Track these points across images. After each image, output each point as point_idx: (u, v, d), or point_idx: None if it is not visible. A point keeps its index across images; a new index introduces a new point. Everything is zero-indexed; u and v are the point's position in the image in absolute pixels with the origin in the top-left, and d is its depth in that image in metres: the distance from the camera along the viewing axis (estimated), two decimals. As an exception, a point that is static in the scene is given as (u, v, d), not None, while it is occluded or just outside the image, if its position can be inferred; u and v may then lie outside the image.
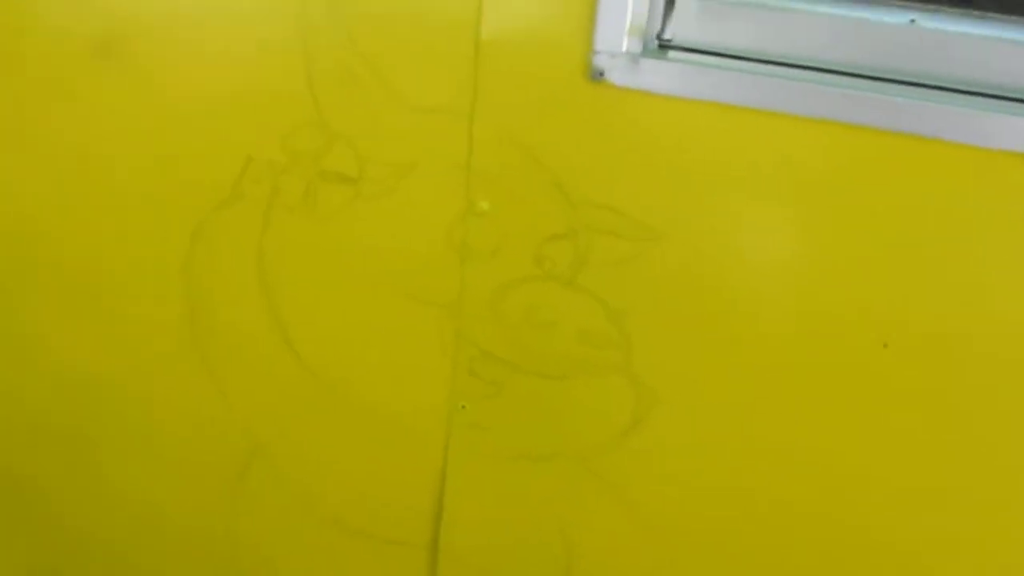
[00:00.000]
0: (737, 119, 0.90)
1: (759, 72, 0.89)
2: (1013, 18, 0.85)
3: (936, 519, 0.99)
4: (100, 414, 1.33)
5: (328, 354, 1.19)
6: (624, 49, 0.90)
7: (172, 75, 1.09)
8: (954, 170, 0.85)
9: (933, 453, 0.96)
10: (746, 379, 1.01)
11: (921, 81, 0.86)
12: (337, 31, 1.00)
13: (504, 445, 1.15)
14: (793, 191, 0.91)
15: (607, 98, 0.93)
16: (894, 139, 0.86)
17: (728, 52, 0.90)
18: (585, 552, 1.16)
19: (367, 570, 1.28)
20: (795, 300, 0.96)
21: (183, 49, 1.07)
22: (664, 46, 0.92)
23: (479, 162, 1.01)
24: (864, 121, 0.86)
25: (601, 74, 0.91)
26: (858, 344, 0.94)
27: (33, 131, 1.19)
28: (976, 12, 0.87)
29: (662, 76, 0.91)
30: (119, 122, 1.14)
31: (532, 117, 0.97)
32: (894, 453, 0.98)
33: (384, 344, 1.15)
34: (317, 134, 1.06)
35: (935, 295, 0.90)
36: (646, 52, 0.91)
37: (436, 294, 1.09)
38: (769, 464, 1.04)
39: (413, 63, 0.99)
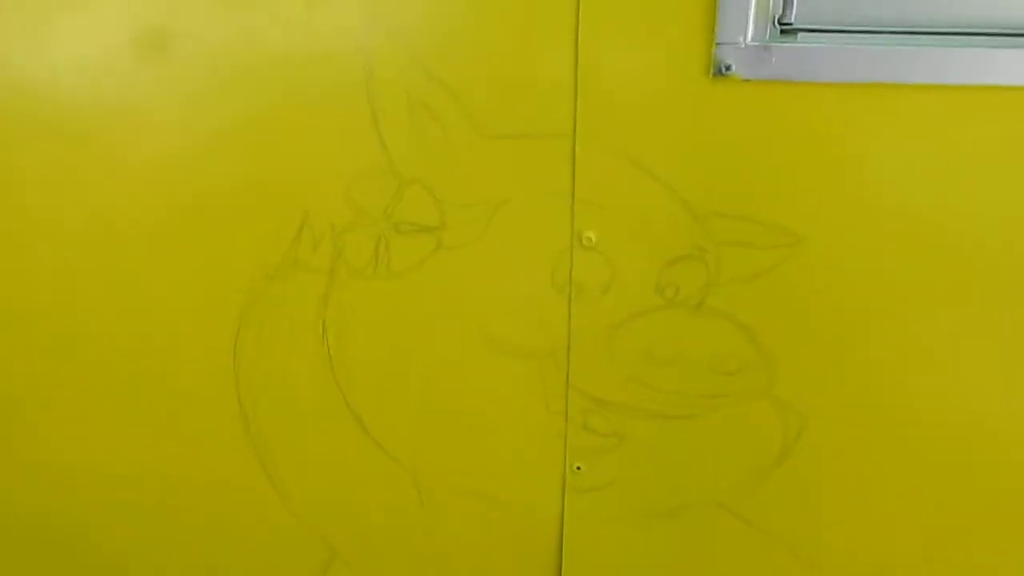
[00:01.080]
0: (882, 97, 0.82)
1: (900, 44, 0.81)
2: None
3: None
4: (153, 532, 1.12)
5: (413, 437, 1.03)
6: (750, 38, 0.81)
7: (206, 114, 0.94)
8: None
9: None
10: (905, 387, 0.92)
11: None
12: (404, 57, 0.87)
13: (628, 505, 1.02)
14: (959, 168, 0.83)
15: (733, 94, 0.83)
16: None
17: (861, 28, 0.83)
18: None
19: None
20: (954, 292, 0.88)
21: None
22: (787, 30, 0.83)
23: (583, 187, 0.89)
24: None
25: (727, 68, 0.82)
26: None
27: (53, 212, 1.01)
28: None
29: (795, 62, 0.82)
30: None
31: (644, 127, 0.86)
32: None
33: (480, 415, 1.00)
34: (386, 182, 0.92)
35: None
36: (774, 37, 0.82)
37: (540, 344, 0.96)
38: (937, 476, 0.95)
39: (497, 83, 0.87)
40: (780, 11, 0.83)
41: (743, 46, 0.81)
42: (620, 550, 1.03)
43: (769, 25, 0.82)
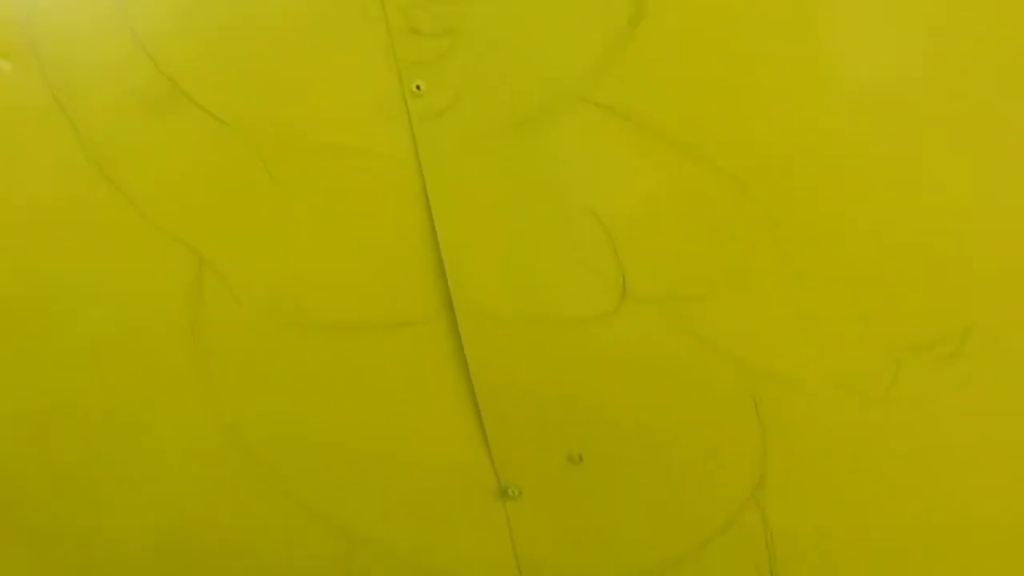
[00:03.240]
0: None
1: None
2: None
3: None
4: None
5: (236, 93, 0.91)
6: None
7: None
8: None
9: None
10: None
11: None
12: None
13: (484, 119, 0.88)
14: None
15: None
16: None
17: None
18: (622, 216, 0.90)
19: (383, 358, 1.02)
20: None
21: None
22: None
23: None
24: None
25: None
26: None
27: None
28: None
29: None
30: None
31: None
32: None
33: (289, 47, 0.88)
34: None
35: None
36: None
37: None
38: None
39: None
40: None
41: None
42: (490, 174, 0.90)
43: None
